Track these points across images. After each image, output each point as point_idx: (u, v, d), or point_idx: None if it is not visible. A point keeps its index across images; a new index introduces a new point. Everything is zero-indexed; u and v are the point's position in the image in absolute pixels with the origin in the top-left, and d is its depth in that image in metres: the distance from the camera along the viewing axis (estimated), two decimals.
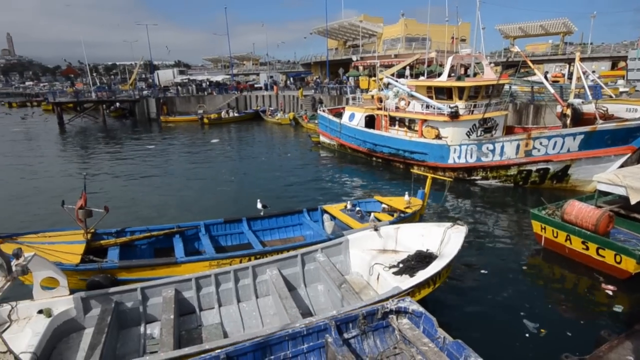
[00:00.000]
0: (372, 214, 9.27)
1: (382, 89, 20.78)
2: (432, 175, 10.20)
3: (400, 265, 7.01)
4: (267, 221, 9.93)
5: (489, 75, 18.03)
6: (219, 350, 4.59)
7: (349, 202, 10.24)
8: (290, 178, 17.61)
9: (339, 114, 23.00)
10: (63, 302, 5.90)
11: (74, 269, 6.92)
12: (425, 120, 17.17)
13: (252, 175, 18.50)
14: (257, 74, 69.10)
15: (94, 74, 78.58)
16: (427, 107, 17.29)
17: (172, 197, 15.16)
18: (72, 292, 6.01)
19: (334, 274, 6.94)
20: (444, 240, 7.09)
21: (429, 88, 17.45)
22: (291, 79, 60.47)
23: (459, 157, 15.83)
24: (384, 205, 10.07)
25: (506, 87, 19.21)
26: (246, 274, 6.96)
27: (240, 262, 7.51)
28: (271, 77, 56.79)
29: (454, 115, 16.03)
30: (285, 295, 6.37)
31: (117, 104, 47.40)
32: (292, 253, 7.43)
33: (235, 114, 41.22)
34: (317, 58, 61.07)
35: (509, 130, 17.84)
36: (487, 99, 16.44)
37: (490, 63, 20.57)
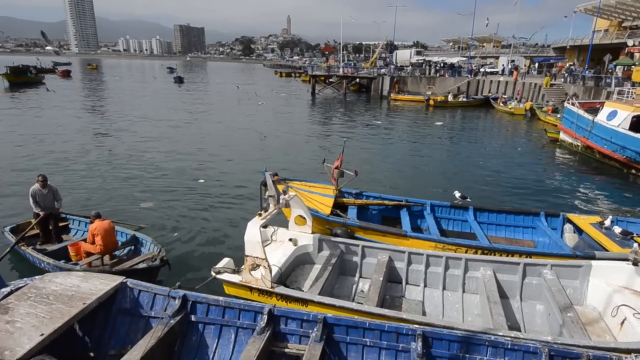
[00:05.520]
0: (636, 244, 7.10)
1: None
2: None
3: None
4: (495, 215, 9.30)
5: None
6: (417, 326, 4.71)
7: (609, 217, 8.33)
8: (514, 174, 16.08)
9: (592, 110, 19.08)
10: (306, 237, 7.39)
11: (325, 218, 8.24)
12: None
13: (472, 163, 17.79)
14: (497, 57, 63.57)
15: (344, 52, 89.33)
16: None
17: (391, 170, 16.26)
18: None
19: (560, 298, 5.97)
20: None
21: None
22: (536, 64, 53.02)
23: None
24: None
25: None
26: (457, 265, 6.85)
27: (466, 252, 7.40)
28: (512, 61, 51.25)
29: None
30: (495, 300, 5.95)
31: (357, 80, 52.64)
32: (513, 259, 6.84)
33: (463, 99, 39.64)
34: (576, 41, 51.18)
35: None
36: None
37: None
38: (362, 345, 4.73)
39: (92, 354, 4.81)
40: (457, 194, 9.98)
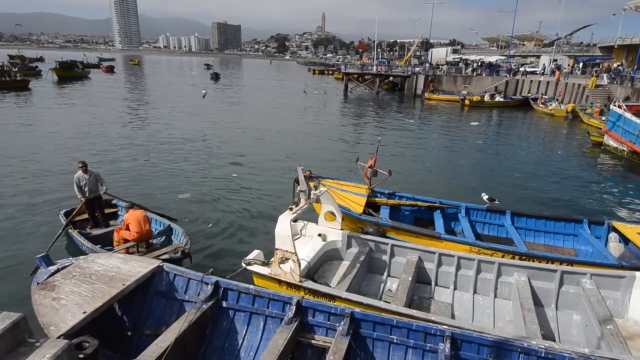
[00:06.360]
0: None
1: None
2: None
3: None
4: (534, 221, 8.88)
5: None
6: (445, 327, 4.63)
7: None
8: (554, 178, 15.40)
9: None
10: (335, 233, 7.40)
11: (358, 217, 8.08)
12: None
13: (508, 165, 17.22)
14: (538, 56, 61.06)
15: (378, 50, 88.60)
16: None
17: (424, 170, 16.03)
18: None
19: (599, 309, 5.66)
20: None
21: None
22: (580, 64, 50.47)
23: None
24: None
25: None
26: (490, 269, 6.61)
27: (503, 257, 7.11)
28: (555, 60, 49.03)
29: None
30: (529, 307, 5.70)
31: (390, 78, 51.97)
32: (549, 266, 6.54)
33: (500, 99, 38.36)
34: (625, 40, 48.38)
35: None
36: None
37: None
38: (389, 342, 4.72)
39: (129, 333, 5.07)
40: (485, 197, 9.55)
